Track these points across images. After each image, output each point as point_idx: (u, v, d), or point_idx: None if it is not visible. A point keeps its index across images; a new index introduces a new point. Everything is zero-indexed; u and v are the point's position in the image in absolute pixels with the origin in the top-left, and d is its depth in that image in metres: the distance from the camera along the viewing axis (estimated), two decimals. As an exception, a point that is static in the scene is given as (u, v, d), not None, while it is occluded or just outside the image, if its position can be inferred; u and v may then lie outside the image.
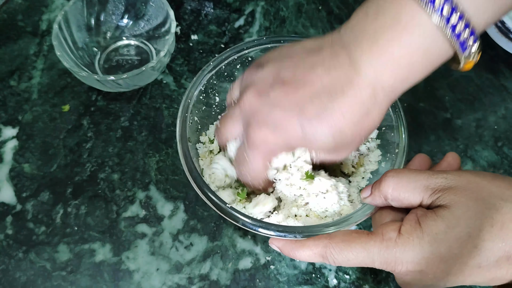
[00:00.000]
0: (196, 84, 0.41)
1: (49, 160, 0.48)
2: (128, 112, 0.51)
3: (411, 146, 0.49)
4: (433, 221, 0.28)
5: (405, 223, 0.29)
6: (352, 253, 0.30)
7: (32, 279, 0.42)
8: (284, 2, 0.59)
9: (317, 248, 0.31)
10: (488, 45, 0.56)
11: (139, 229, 0.44)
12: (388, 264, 0.29)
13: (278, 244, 0.34)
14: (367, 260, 0.29)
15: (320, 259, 0.31)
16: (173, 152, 0.48)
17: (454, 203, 0.28)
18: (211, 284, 0.42)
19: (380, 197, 0.32)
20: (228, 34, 0.56)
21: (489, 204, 0.27)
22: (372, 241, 0.29)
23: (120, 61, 0.53)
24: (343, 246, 0.30)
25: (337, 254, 0.30)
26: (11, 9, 0.57)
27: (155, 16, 0.53)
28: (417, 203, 0.30)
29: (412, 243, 0.28)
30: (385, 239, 0.29)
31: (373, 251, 0.29)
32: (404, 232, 0.29)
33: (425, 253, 0.27)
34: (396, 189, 0.31)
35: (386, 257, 0.29)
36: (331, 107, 0.31)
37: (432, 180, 0.29)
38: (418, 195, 0.30)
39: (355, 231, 0.31)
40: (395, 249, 0.28)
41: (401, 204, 0.31)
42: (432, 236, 0.27)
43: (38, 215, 0.45)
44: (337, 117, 0.31)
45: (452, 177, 0.29)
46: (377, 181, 0.33)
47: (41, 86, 0.52)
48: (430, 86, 0.53)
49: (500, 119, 0.52)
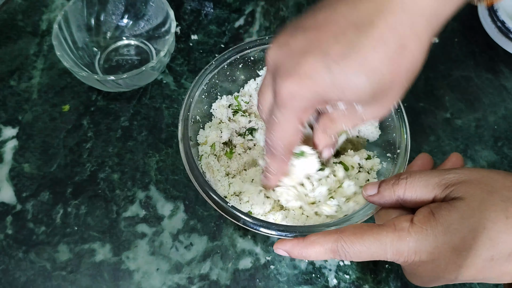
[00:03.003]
0: (198, 83, 0.41)
1: (49, 160, 0.48)
2: (128, 112, 0.51)
3: (411, 146, 0.49)
4: (447, 211, 0.27)
5: (418, 214, 0.28)
6: (364, 245, 0.28)
7: (32, 279, 0.42)
8: (284, 2, 0.59)
9: (327, 244, 0.30)
10: (488, 45, 0.56)
11: (139, 229, 0.44)
12: (401, 255, 0.28)
13: (284, 247, 0.32)
14: (380, 252, 0.28)
15: (331, 255, 0.30)
16: (173, 152, 0.48)
17: (468, 195, 0.27)
18: (211, 284, 0.42)
19: (390, 197, 0.31)
20: (228, 34, 0.56)
21: (503, 196, 0.27)
22: (385, 231, 0.28)
23: (120, 61, 0.53)
24: (354, 239, 0.29)
25: (349, 247, 0.29)
26: (11, 9, 0.57)
27: (155, 16, 0.53)
28: (430, 199, 0.29)
29: (426, 232, 0.27)
30: (397, 229, 0.28)
31: (386, 241, 0.28)
32: (417, 222, 0.28)
33: (438, 243, 0.27)
34: (409, 188, 0.30)
35: (398, 247, 0.28)
36: (359, 43, 0.27)
37: (444, 175, 0.29)
38: (431, 191, 0.29)
39: (365, 224, 0.30)
40: (408, 238, 0.27)
41: (415, 203, 0.30)
42: (446, 226, 0.27)
43: (38, 215, 0.45)
44: (367, 52, 0.27)
45: (464, 172, 0.29)
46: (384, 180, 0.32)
47: (41, 86, 0.52)
48: (430, 86, 0.53)
49: (500, 119, 0.52)
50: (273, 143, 0.34)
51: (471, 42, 0.56)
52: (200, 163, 0.41)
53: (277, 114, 0.31)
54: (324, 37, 0.28)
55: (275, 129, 0.32)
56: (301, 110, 0.30)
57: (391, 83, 0.28)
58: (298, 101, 0.30)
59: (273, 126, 0.32)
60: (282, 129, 0.32)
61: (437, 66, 0.54)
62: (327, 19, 0.28)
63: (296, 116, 0.31)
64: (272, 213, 0.38)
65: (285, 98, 0.30)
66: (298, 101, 0.30)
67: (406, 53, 0.27)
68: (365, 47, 0.27)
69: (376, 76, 0.27)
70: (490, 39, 0.55)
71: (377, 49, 0.27)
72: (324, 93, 0.29)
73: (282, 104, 0.30)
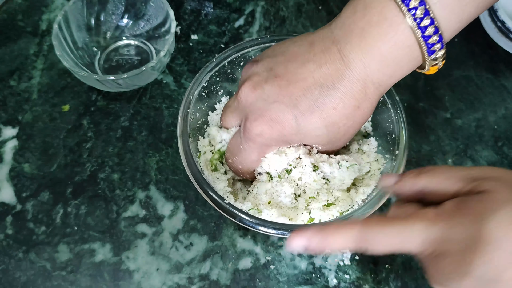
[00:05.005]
0: (198, 81, 0.42)
1: (49, 160, 0.48)
2: (128, 112, 0.51)
3: (411, 146, 0.49)
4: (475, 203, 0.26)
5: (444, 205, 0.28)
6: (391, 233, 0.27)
7: (32, 279, 0.42)
8: (284, 2, 0.59)
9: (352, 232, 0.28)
10: (488, 45, 0.56)
11: (139, 229, 0.44)
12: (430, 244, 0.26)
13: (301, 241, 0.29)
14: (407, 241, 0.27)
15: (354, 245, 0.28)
16: (173, 152, 0.48)
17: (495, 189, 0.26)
18: (211, 284, 0.42)
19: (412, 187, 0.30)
20: (228, 34, 0.56)
21: None
22: (411, 220, 0.27)
23: (120, 61, 0.53)
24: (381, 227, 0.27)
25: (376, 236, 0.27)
26: (11, 9, 0.57)
27: (155, 16, 0.53)
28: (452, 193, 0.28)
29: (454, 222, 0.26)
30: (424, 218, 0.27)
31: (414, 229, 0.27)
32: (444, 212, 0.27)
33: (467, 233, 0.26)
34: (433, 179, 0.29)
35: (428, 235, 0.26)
36: (322, 101, 0.32)
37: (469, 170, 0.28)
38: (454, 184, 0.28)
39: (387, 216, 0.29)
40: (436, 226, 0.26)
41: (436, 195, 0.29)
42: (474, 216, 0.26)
43: (38, 215, 0.45)
44: (329, 110, 0.32)
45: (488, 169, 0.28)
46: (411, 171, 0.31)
47: (41, 86, 0.52)
48: (430, 86, 0.53)
49: (500, 119, 0.52)
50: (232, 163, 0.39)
51: (471, 42, 0.56)
52: (198, 161, 0.41)
53: (244, 144, 0.36)
54: (294, 91, 0.33)
55: (240, 156, 0.37)
56: (265, 146, 0.36)
57: (345, 132, 0.34)
58: (265, 139, 0.35)
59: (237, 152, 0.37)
60: (245, 158, 0.37)
61: (437, 66, 0.54)
62: (297, 73, 0.33)
63: (260, 149, 0.36)
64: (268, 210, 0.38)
65: (253, 135, 0.35)
66: (264, 139, 0.35)
67: (359, 111, 0.33)
68: (327, 105, 0.32)
69: (334, 129, 0.33)
70: (490, 39, 0.55)
71: (337, 109, 0.32)
72: (289, 136, 0.34)
73: (249, 139, 0.35)
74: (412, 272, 0.43)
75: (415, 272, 0.43)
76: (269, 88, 0.34)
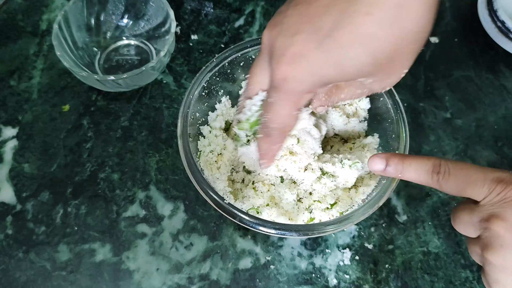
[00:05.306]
0: (199, 81, 0.41)
1: (49, 160, 0.48)
2: (128, 112, 0.51)
3: (411, 146, 0.49)
4: None
5: None
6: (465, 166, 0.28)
7: (32, 279, 0.42)
8: (284, 2, 0.59)
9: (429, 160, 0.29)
10: (488, 45, 0.56)
11: (139, 229, 0.44)
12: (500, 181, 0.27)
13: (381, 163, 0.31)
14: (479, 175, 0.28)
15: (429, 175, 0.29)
16: (173, 152, 0.48)
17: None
18: (211, 284, 0.42)
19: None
20: (228, 34, 0.56)
21: None
22: None
23: (120, 61, 0.53)
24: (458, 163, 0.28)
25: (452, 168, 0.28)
26: (11, 9, 0.57)
27: (155, 16, 0.53)
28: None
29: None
30: None
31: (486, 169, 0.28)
32: None
33: None
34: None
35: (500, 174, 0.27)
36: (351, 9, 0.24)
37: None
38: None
39: None
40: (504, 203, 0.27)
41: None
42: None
43: (38, 215, 0.45)
44: (362, 19, 0.24)
45: None
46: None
47: (41, 86, 0.52)
48: (430, 86, 0.53)
49: (500, 119, 0.52)
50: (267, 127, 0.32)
51: (471, 42, 0.56)
52: (198, 161, 0.41)
53: (272, 96, 0.30)
54: (315, 11, 0.26)
55: (270, 111, 0.30)
56: (297, 94, 0.28)
57: (395, 49, 0.25)
58: (293, 85, 0.28)
59: (268, 107, 0.31)
60: (277, 112, 0.30)
61: (437, 66, 0.54)
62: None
63: (291, 100, 0.29)
64: (268, 209, 0.38)
65: (278, 82, 0.28)
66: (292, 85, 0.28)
67: (407, 12, 0.24)
68: (357, 13, 0.24)
69: (374, 44, 0.25)
70: (490, 39, 0.55)
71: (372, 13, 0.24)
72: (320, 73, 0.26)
73: (276, 87, 0.28)
74: (412, 272, 0.43)
75: (415, 272, 0.43)
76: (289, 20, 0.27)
